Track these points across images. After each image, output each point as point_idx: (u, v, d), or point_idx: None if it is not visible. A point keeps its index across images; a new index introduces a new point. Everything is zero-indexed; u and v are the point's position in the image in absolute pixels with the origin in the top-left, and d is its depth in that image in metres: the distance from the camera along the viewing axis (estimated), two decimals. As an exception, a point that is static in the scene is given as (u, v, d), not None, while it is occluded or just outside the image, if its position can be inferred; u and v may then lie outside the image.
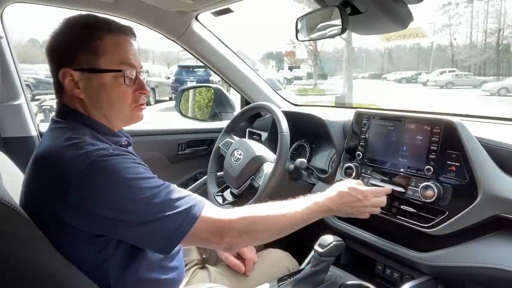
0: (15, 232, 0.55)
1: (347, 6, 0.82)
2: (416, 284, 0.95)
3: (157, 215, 0.65)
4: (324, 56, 25.19)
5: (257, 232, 0.78)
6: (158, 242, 0.67)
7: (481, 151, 0.89)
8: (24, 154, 1.33)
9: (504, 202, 0.84)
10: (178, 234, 0.67)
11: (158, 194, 0.67)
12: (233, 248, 0.76)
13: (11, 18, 1.38)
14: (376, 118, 1.12)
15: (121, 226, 0.65)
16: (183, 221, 0.67)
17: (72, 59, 0.74)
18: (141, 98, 0.81)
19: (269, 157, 1.28)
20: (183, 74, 12.62)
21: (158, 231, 0.66)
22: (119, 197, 0.64)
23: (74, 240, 0.66)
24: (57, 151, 0.67)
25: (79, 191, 0.63)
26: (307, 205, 0.85)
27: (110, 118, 0.79)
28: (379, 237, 1.06)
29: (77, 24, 0.76)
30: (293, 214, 0.82)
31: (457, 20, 26.98)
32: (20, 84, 1.38)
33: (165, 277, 0.80)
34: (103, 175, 0.64)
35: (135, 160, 0.70)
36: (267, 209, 0.80)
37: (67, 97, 0.76)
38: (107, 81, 0.75)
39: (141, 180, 0.67)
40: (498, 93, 14.87)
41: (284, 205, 0.83)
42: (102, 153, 0.66)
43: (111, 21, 0.78)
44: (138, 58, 0.80)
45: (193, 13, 1.46)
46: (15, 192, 0.78)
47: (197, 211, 0.70)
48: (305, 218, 0.84)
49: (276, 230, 0.81)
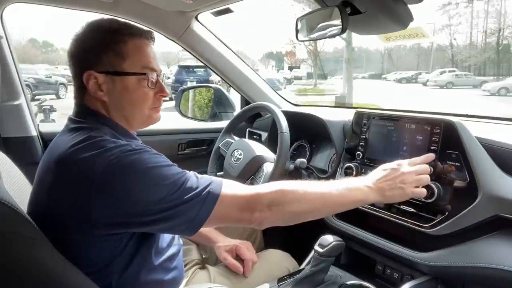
0: (15, 232, 0.55)
1: (347, 6, 0.82)
2: (416, 284, 0.95)
3: (182, 199, 0.67)
4: (324, 56, 25.22)
5: (286, 204, 0.75)
6: (183, 224, 0.68)
7: (481, 151, 0.89)
8: (24, 154, 1.35)
9: (504, 202, 0.84)
10: (203, 213, 0.69)
11: (180, 179, 0.69)
12: (263, 223, 0.74)
13: (11, 18, 1.38)
14: (376, 118, 1.12)
15: (146, 216, 0.66)
16: (205, 201, 0.69)
17: (96, 62, 0.75)
18: (160, 100, 0.83)
19: (269, 157, 1.28)
20: (183, 74, 12.63)
21: (184, 213, 0.68)
22: (144, 188, 0.66)
23: (91, 238, 0.67)
24: (78, 150, 0.68)
25: (103, 187, 0.64)
26: (345, 184, 0.82)
27: (130, 120, 0.81)
28: (379, 237, 1.06)
29: (101, 28, 0.77)
30: (328, 191, 0.79)
31: (457, 20, 27.00)
32: (20, 84, 1.38)
33: (165, 277, 0.81)
34: (127, 170, 0.66)
35: (156, 152, 0.73)
36: (300, 183, 0.79)
37: (89, 98, 0.78)
38: (131, 84, 0.77)
39: (164, 167, 0.69)
40: (498, 93, 14.87)
41: (319, 182, 0.82)
42: (125, 148, 0.68)
43: (133, 25, 0.80)
44: (157, 62, 0.82)
45: (193, 13, 1.46)
46: (15, 192, 0.78)
47: (216, 189, 0.71)
48: (343, 197, 0.80)
49: (308, 204, 0.77)
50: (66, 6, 1.37)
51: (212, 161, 1.47)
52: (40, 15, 66.44)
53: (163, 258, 0.80)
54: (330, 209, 0.82)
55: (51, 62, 26.83)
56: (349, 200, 0.82)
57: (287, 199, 0.75)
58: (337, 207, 0.82)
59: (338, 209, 0.82)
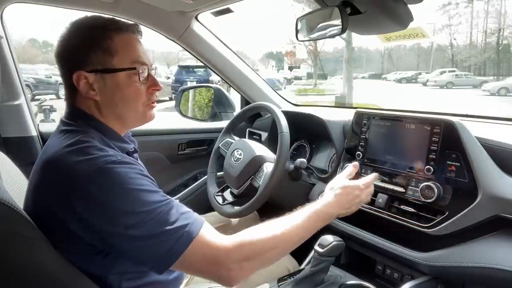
0: (15, 232, 0.55)
1: (347, 6, 0.82)
2: (416, 284, 0.95)
3: (155, 230, 0.63)
4: (324, 56, 25.17)
5: (258, 256, 0.72)
6: (152, 260, 0.64)
7: (481, 151, 0.89)
8: (24, 154, 1.35)
9: (504, 202, 0.84)
10: (173, 252, 0.64)
11: (159, 209, 0.65)
12: (233, 280, 0.69)
13: (11, 18, 1.38)
14: (376, 118, 1.12)
15: (119, 239, 0.63)
16: (179, 239, 0.64)
17: (85, 61, 0.73)
18: (154, 95, 0.81)
19: (269, 157, 1.27)
20: (183, 74, 12.62)
21: (154, 247, 0.63)
22: (121, 208, 0.63)
23: (78, 245, 0.66)
24: (65, 154, 0.66)
25: (84, 197, 0.62)
26: (307, 215, 0.81)
27: (124, 118, 0.79)
28: (379, 237, 1.06)
29: (86, 25, 0.75)
30: (294, 228, 0.77)
31: (457, 20, 27.00)
32: (20, 84, 1.38)
33: (166, 278, 0.80)
34: (108, 183, 0.63)
35: (142, 172, 0.69)
36: (264, 228, 0.75)
37: (81, 99, 0.76)
38: (122, 80, 0.75)
39: (144, 192, 0.65)
40: (498, 93, 14.87)
41: (283, 220, 0.78)
42: (109, 159, 0.65)
43: (118, 20, 0.78)
44: (148, 56, 0.80)
45: (193, 13, 1.46)
46: (15, 192, 0.78)
47: (194, 229, 0.66)
48: (308, 230, 0.80)
49: (279, 249, 0.75)
50: (66, 6, 1.37)
51: (212, 161, 1.47)
52: (40, 15, 66.40)
53: None
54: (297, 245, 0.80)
55: (51, 62, 26.76)
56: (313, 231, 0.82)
57: (258, 251, 0.71)
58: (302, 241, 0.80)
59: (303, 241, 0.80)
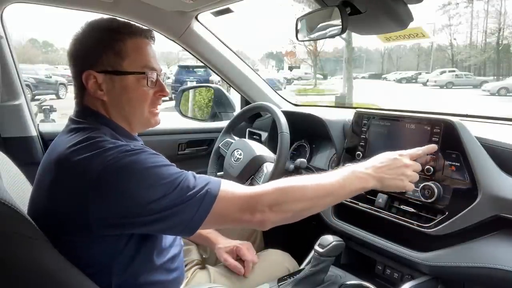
0: (15, 232, 0.55)
1: (347, 6, 0.82)
2: (416, 284, 0.95)
3: (180, 198, 0.66)
4: (324, 56, 25.14)
5: (287, 203, 0.73)
6: (181, 223, 0.67)
7: (481, 151, 0.89)
8: (24, 154, 1.35)
9: (504, 202, 0.84)
10: (201, 213, 0.67)
11: (178, 179, 0.68)
12: (265, 224, 0.73)
13: (11, 18, 1.38)
14: (376, 118, 1.12)
15: (143, 217, 0.65)
16: (203, 201, 0.68)
17: (96, 62, 0.75)
18: (159, 100, 0.83)
19: (269, 157, 1.28)
20: (183, 74, 12.61)
21: (182, 212, 0.66)
22: (140, 188, 0.65)
23: (90, 239, 0.67)
24: (79, 150, 0.67)
25: (101, 188, 0.64)
26: (343, 174, 0.80)
27: (130, 121, 0.81)
28: (379, 237, 1.06)
29: (100, 27, 0.77)
30: (328, 183, 0.77)
31: (457, 20, 27.01)
32: (20, 84, 1.38)
33: (167, 278, 0.81)
34: (125, 171, 0.65)
35: (154, 152, 0.72)
36: (297, 179, 0.77)
37: (89, 99, 0.78)
38: (130, 83, 0.77)
39: (162, 167, 0.68)
40: (498, 93, 14.88)
41: (318, 175, 0.79)
42: (124, 149, 0.67)
43: (133, 24, 0.80)
44: (157, 61, 0.82)
45: (193, 13, 1.46)
46: (15, 192, 0.78)
47: (215, 189, 0.70)
48: (342, 187, 0.78)
49: (308, 200, 0.76)
50: (66, 6, 1.37)
51: (212, 161, 1.47)
52: (40, 15, 66.42)
53: (165, 259, 0.80)
54: (331, 201, 0.80)
55: (51, 62, 26.84)
56: (349, 190, 0.80)
57: (287, 198, 0.74)
58: (337, 199, 0.80)
59: (338, 200, 0.80)
